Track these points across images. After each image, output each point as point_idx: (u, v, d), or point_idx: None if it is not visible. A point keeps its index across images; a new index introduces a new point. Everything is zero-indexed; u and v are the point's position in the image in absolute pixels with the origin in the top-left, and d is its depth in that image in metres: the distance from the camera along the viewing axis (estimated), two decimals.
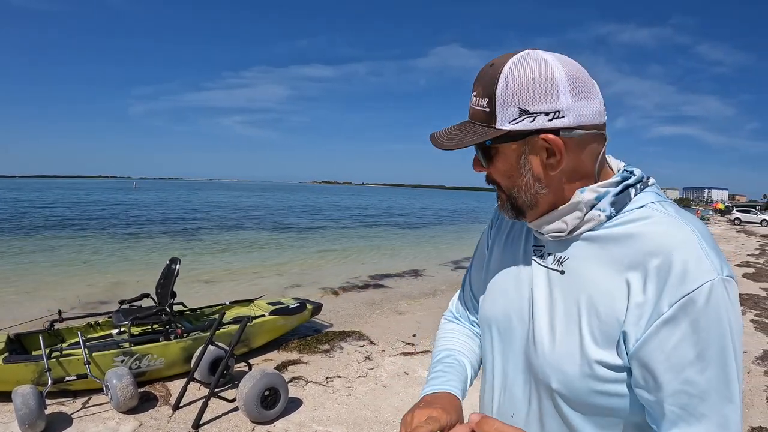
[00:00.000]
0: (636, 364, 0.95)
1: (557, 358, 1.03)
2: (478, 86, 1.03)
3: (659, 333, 0.91)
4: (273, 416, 4.45)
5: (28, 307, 8.45)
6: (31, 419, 3.98)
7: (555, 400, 1.06)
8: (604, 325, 0.97)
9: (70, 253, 15.53)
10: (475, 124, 1.04)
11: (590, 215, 1.03)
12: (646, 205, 1.02)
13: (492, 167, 1.08)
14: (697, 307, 0.88)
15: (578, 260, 1.05)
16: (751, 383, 5.73)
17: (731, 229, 39.74)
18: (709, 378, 0.90)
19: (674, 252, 0.92)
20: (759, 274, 14.54)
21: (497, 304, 1.23)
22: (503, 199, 1.12)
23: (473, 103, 1.05)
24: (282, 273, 13.35)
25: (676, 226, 0.97)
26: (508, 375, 1.19)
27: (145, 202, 49.16)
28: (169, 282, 5.78)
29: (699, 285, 0.89)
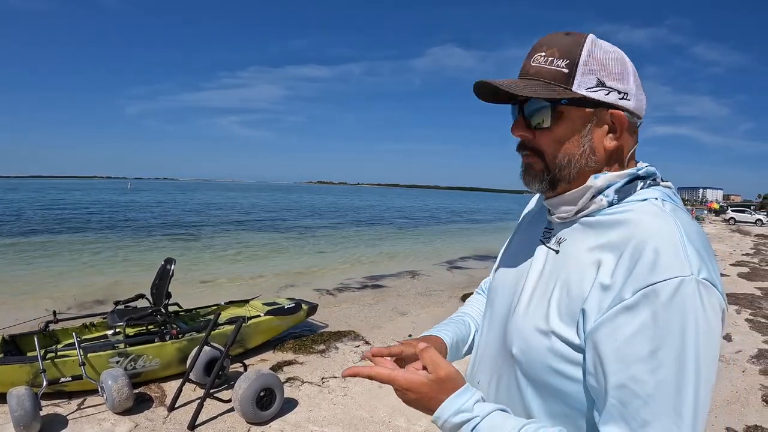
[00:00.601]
0: (589, 346, 0.92)
1: (523, 325, 1.05)
2: (551, 48, 1.03)
3: (616, 318, 0.88)
4: (269, 417, 4.45)
5: (23, 308, 8.43)
6: (27, 421, 3.96)
7: (514, 368, 1.07)
8: (571, 302, 0.97)
9: (65, 253, 15.48)
10: (545, 81, 1.02)
11: (595, 199, 1.05)
12: (648, 200, 1.02)
13: (547, 131, 1.05)
14: (660, 300, 0.85)
15: (571, 241, 1.07)
16: (747, 382, 5.75)
17: (726, 229, 39.86)
18: (659, 381, 0.84)
19: (650, 240, 0.91)
20: (754, 273, 14.59)
21: (498, 281, 1.27)
22: (538, 169, 1.08)
23: (541, 62, 1.04)
24: (277, 273, 13.33)
25: (662, 218, 0.96)
26: (486, 345, 1.23)
27: (140, 203, 49.05)
28: (164, 282, 5.76)
29: (667, 278, 0.85)
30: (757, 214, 50.17)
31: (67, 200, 50.19)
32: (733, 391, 5.48)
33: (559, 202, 1.10)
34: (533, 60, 1.04)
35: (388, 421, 4.54)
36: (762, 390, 5.52)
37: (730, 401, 5.21)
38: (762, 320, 8.71)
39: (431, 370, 1.01)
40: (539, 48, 1.04)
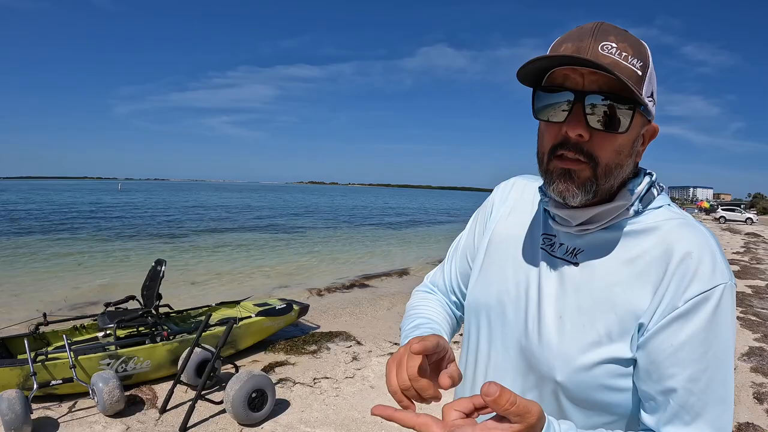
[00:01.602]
0: (642, 354, 0.93)
1: (566, 350, 0.99)
2: (623, 42, 0.92)
3: (671, 326, 0.90)
4: (260, 418, 4.43)
5: (13, 310, 8.37)
6: (17, 424, 3.93)
7: (556, 392, 1.01)
8: (621, 320, 0.95)
9: (55, 255, 15.39)
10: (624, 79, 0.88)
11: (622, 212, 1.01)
12: (664, 206, 1.02)
13: (610, 136, 0.94)
14: (709, 307, 0.89)
15: (595, 254, 1.02)
16: (738, 380, 5.79)
17: (716, 228, 40.05)
18: (711, 377, 0.90)
19: (693, 252, 0.93)
20: (744, 271, 14.69)
21: (491, 290, 1.16)
22: (586, 176, 0.96)
23: (618, 55, 0.91)
24: (268, 274, 13.31)
25: (694, 229, 0.97)
26: (497, 365, 1.13)
27: (130, 204, 48.83)
28: (154, 284, 5.74)
29: (714, 285, 0.90)
30: (747, 213, 50.48)
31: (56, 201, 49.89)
32: None
33: (589, 214, 1.01)
34: (603, 48, 0.91)
35: (380, 422, 4.53)
36: (753, 387, 5.56)
37: None
38: (753, 318, 8.76)
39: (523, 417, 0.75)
40: (606, 36, 0.92)
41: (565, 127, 0.93)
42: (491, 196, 1.33)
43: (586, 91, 0.92)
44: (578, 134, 0.92)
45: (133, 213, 36.56)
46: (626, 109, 0.91)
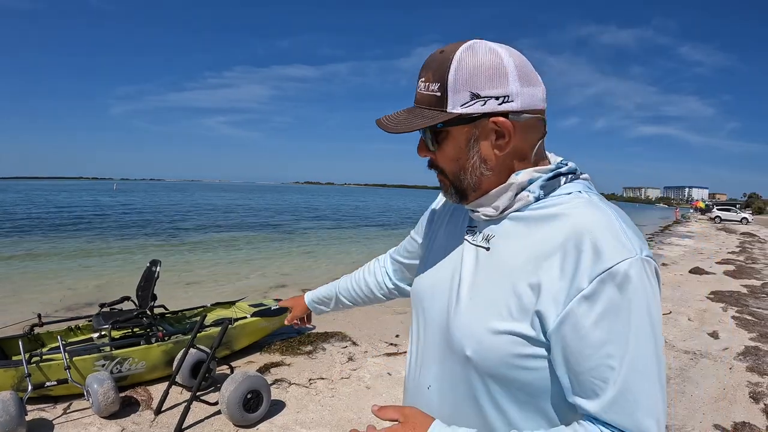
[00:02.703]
0: (555, 337, 0.97)
1: (473, 327, 1.07)
2: (427, 72, 1.06)
3: (579, 308, 0.94)
4: (256, 419, 4.42)
5: (7, 311, 8.32)
6: (12, 426, 3.91)
7: (467, 368, 1.09)
8: (520, 299, 1.01)
9: (49, 255, 15.34)
10: (424, 108, 1.06)
11: (520, 196, 1.09)
12: (572, 193, 1.08)
13: (439, 151, 1.11)
14: (615, 283, 0.92)
15: (503, 238, 1.11)
16: (734, 379, 5.79)
17: (712, 227, 40.19)
18: (628, 353, 0.92)
19: (593, 231, 0.97)
20: (740, 271, 14.70)
21: (426, 281, 1.30)
22: (446, 184, 1.15)
23: (421, 88, 1.07)
24: (264, 274, 13.28)
25: (596, 208, 1.02)
26: (427, 348, 1.24)
27: (125, 204, 48.72)
28: (149, 284, 5.72)
29: (618, 261, 0.92)
30: (742, 213, 50.67)
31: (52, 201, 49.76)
32: (721, 388, 5.51)
33: (481, 203, 1.14)
34: (418, 86, 1.09)
35: (376, 422, 4.51)
36: (749, 387, 5.56)
37: (717, 398, 5.24)
38: (748, 317, 8.77)
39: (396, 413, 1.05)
40: (421, 73, 1.08)
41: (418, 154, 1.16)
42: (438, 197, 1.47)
43: None
44: (423, 156, 1.15)
45: (129, 213, 36.47)
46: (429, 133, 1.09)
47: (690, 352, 6.73)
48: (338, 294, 1.88)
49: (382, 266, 1.82)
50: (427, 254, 1.38)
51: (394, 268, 1.76)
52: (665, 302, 9.93)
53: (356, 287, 1.85)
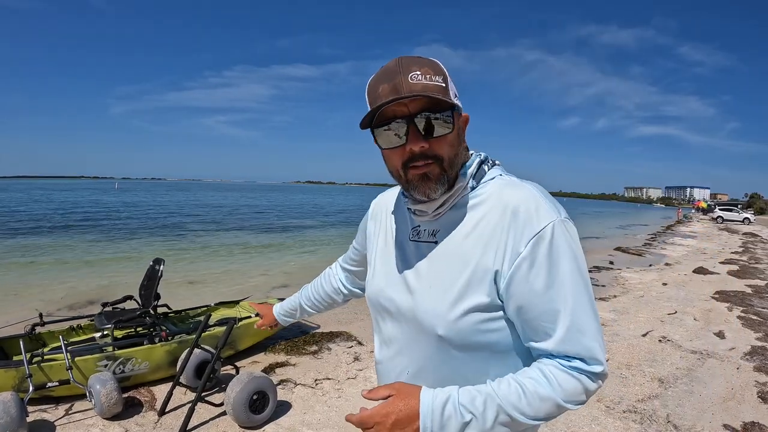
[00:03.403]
0: (507, 297, 1.19)
1: (438, 308, 1.24)
2: (422, 67, 1.20)
3: (520, 268, 1.16)
4: (262, 420, 4.37)
5: (8, 310, 8.29)
6: (13, 427, 3.86)
7: (443, 346, 1.26)
8: (474, 274, 1.21)
9: (51, 254, 15.31)
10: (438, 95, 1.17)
11: (459, 187, 1.28)
12: (495, 177, 1.31)
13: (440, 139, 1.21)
14: (545, 242, 1.16)
15: (448, 229, 1.29)
16: (741, 379, 5.75)
17: (714, 228, 40.20)
18: (566, 295, 1.16)
19: (520, 205, 1.20)
20: (743, 271, 14.67)
21: (378, 284, 1.45)
22: (437, 173, 1.23)
23: (425, 79, 1.18)
24: (268, 274, 13.26)
25: (518, 186, 1.25)
26: (397, 340, 1.38)
27: (127, 203, 48.77)
28: (152, 283, 5.68)
29: (544, 225, 1.16)
30: (744, 213, 50.67)
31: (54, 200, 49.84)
32: (729, 388, 5.47)
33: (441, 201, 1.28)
34: (411, 78, 1.17)
35: None
36: (757, 387, 5.51)
37: (726, 398, 5.20)
38: (753, 317, 8.73)
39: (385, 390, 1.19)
40: (409, 68, 1.19)
41: (409, 146, 1.20)
42: (370, 208, 1.67)
43: (413, 113, 1.18)
44: (421, 146, 1.20)
45: (131, 212, 36.51)
46: (446, 115, 1.20)
47: (697, 352, 6.68)
48: (302, 304, 2.08)
49: (336, 274, 2.02)
50: (374, 261, 1.52)
51: (345, 275, 1.97)
52: (670, 302, 9.90)
53: (317, 296, 2.05)
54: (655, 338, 7.28)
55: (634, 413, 4.77)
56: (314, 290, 2.06)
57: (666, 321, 8.34)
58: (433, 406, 1.13)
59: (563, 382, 1.16)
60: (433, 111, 1.19)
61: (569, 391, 1.16)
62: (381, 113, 1.20)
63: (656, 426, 4.55)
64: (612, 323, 8.05)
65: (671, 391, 5.33)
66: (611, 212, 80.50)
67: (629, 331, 7.65)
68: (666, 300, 10.09)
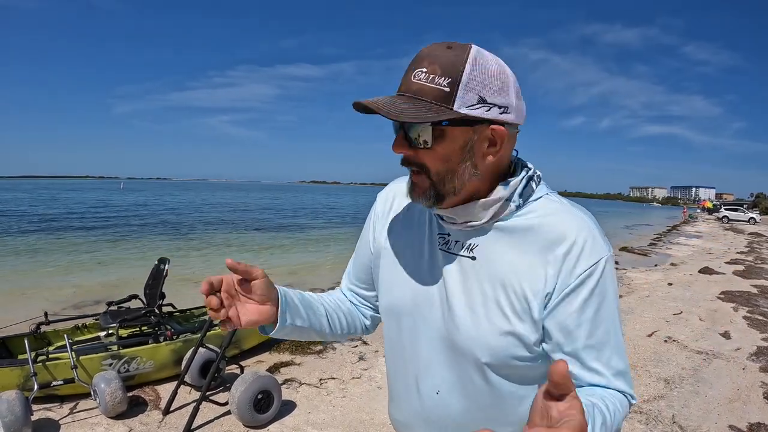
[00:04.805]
0: (550, 323, 1.13)
1: (483, 335, 1.16)
2: (432, 65, 1.04)
3: (566, 299, 1.11)
4: (266, 420, 4.37)
5: (13, 309, 8.29)
6: (17, 426, 3.86)
7: (484, 371, 1.19)
8: (520, 302, 1.13)
9: (56, 253, 15.37)
10: (429, 101, 1.04)
11: (503, 205, 1.16)
12: (543, 197, 1.19)
13: (434, 149, 1.09)
14: (594, 278, 1.10)
15: (489, 247, 1.18)
16: (747, 379, 5.73)
17: (720, 227, 40.11)
18: (607, 330, 1.13)
19: (576, 236, 1.12)
20: (749, 271, 14.62)
21: (403, 293, 1.30)
22: (425, 186, 1.13)
23: (425, 79, 1.04)
24: (272, 272, 13.12)
25: (572, 214, 1.16)
26: (429, 360, 1.27)
27: (132, 203, 48.89)
28: (157, 282, 5.68)
29: (596, 261, 1.10)
30: (750, 213, 50.55)
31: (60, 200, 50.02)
32: (735, 388, 5.45)
33: (465, 211, 1.17)
34: (414, 76, 1.06)
35: (389, 423, 4.46)
36: (763, 387, 5.50)
37: (731, 399, 5.18)
38: (759, 318, 8.70)
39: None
40: (420, 62, 1.06)
41: (394, 150, 1.12)
42: (375, 204, 1.48)
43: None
44: (402, 152, 1.12)
45: (135, 212, 36.60)
46: (428, 128, 1.06)
47: (703, 353, 6.66)
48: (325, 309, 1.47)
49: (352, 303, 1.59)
50: (391, 265, 1.36)
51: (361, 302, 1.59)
52: (676, 302, 9.89)
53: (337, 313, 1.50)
54: (661, 338, 7.26)
55: (640, 414, 4.76)
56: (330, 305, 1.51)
57: (671, 321, 8.32)
58: None
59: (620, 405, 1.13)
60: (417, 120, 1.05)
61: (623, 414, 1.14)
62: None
63: (662, 426, 4.54)
64: None
65: (677, 392, 5.31)
66: (616, 212, 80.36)
67: (635, 331, 7.63)
68: (671, 300, 10.07)
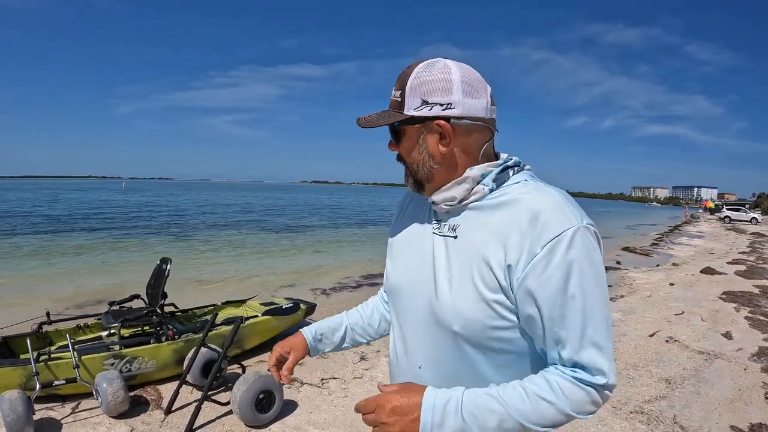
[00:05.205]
0: (519, 298, 1.20)
1: (457, 305, 1.26)
2: (397, 82, 1.33)
3: (535, 269, 1.16)
4: (268, 419, 4.37)
5: (15, 308, 8.31)
6: (19, 425, 3.87)
7: (457, 342, 1.29)
8: (493, 274, 1.22)
9: (58, 254, 15.38)
10: (390, 111, 1.34)
11: (476, 189, 1.31)
12: (520, 182, 1.31)
13: (400, 146, 1.37)
14: (563, 245, 1.15)
15: (467, 226, 1.32)
16: (749, 380, 5.71)
17: (721, 228, 40.02)
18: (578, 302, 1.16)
19: (542, 208, 1.20)
20: (751, 271, 14.59)
21: (401, 273, 1.47)
22: (407, 174, 1.40)
23: (392, 95, 1.34)
24: (274, 273, 13.26)
25: (542, 190, 1.26)
26: (411, 334, 1.41)
27: (134, 203, 48.89)
28: (159, 282, 5.69)
29: (564, 230, 1.16)
30: (751, 213, 50.46)
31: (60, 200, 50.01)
32: (736, 389, 5.44)
33: (442, 195, 1.34)
34: (391, 94, 1.35)
35: None
36: (764, 388, 5.48)
37: (733, 399, 5.17)
38: (761, 318, 8.68)
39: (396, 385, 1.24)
40: (395, 84, 1.34)
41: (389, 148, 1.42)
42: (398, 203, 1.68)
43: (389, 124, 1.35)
44: (392, 150, 1.41)
45: (138, 212, 36.60)
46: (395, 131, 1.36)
47: (704, 353, 6.65)
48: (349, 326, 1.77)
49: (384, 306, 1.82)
50: (397, 251, 1.54)
51: None
52: (678, 302, 9.86)
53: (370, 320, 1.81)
54: (662, 339, 7.25)
55: (641, 414, 4.76)
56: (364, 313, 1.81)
57: (673, 321, 8.31)
58: (435, 401, 1.16)
59: (567, 391, 1.17)
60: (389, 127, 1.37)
61: (574, 401, 1.17)
62: None
63: (663, 427, 4.54)
64: (619, 323, 8.02)
65: (678, 392, 5.30)
66: (618, 212, 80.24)
67: (636, 331, 7.62)
68: (673, 300, 10.05)
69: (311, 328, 1.70)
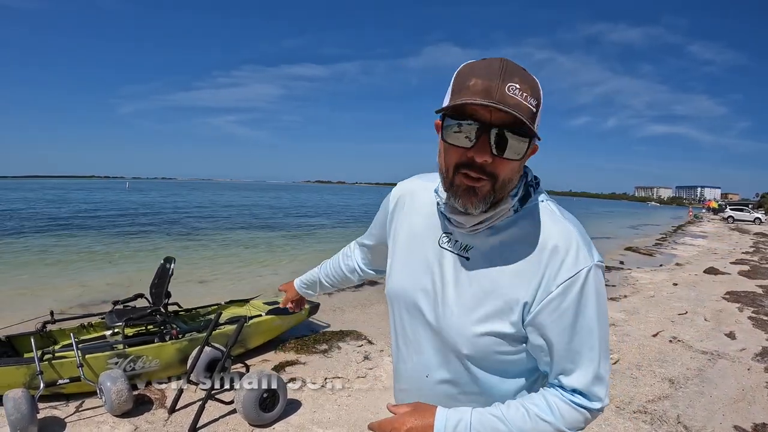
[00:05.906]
0: (530, 331, 1.24)
1: (466, 330, 1.27)
2: (524, 84, 1.12)
3: (548, 306, 1.20)
4: (272, 419, 4.37)
5: (20, 308, 8.31)
6: (23, 424, 3.88)
7: (464, 362, 1.31)
8: (503, 303, 1.24)
9: (62, 253, 15.37)
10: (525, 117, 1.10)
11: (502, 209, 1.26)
12: (537, 203, 1.30)
13: (511, 161, 1.16)
14: (577, 286, 1.19)
15: (482, 250, 1.29)
16: (752, 380, 5.72)
17: (725, 227, 39.99)
18: (586, 339, 1.22)
19: (560, 244, 1.21)
20: (754, 271, 14.58)
21: (405, 282, 1.44)
22: (486, 191, 1.19)
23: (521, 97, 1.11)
24: (278, 272, 13.24)
25: (559, 223, 1.25)
26: (419, 343, 1.41)
27: (138, 202, 48.92)
28: (163, 282, 5.69)
29: (578, 270, 1.19)
30: (755, 213, 50.38)
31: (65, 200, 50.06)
32: (739, 389, 5.44)
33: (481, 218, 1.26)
34: (509, 89, 1.10)
35: None
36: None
37: (736, 399, 5.17)
38: (765, 318, 8.69)
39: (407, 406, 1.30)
40: (511, 78, 1.11)
41: (472, 153, 1.14)
42: (392, 194, 1.62)
43: (493, 124, 1.12)
44: (485, 159, 1.14)
45: (142, 211, 36.60)
46: (523, 141, 1.14)
47: (708, 353, 6.65)
48: (321, 279, 2.12)
49: (353, 255, 2.06)
50: (397, 255, 1.51)
51: (362, 256, 2.01)
52: (681, 302, 9.86)
53: (335, 273, 2.09)
54: (666, 339, 7.25)
55: (645, 414, 4.75)
56: (333, 267, 2.10)
57: (676, 321, 8.31)
58: (446, 423, 1.22)
59: (565, 412, 1.24)
60: (513, 132, 1.12)
61: (570, 421, 1.24)
62: (460, 105, 1.13)
63: (666, 427, 4.54)
64: (622, 323, 8.03)
65: (682, 392, 5.30)
66: (621, 212, 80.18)
67: (639, 331, 7.62)
68: (677, 300, 10.04)
69: (298, 281, 2.22)
